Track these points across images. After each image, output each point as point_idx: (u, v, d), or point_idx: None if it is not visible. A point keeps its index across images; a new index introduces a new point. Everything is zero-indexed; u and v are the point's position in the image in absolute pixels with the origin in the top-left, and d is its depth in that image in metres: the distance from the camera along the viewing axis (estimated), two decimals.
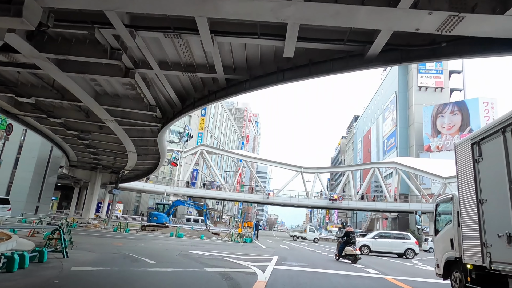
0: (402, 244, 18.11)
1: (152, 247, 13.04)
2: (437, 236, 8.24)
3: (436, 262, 8.01)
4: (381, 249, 18.29)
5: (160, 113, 13.78)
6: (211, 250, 13.09)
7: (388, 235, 19.39)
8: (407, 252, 17.79)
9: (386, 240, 18.61)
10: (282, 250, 16.66)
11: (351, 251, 11.93)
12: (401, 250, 17.85)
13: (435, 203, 8.99)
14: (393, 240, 18.57)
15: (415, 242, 18.39)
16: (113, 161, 27.34)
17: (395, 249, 18.06)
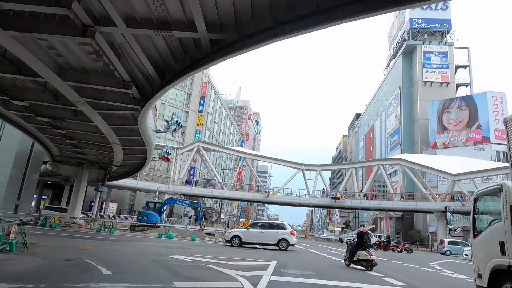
0: (275, 234, 16.64)
1: (127, 250, 10.96)
2: (477, 238, 6.30)
3: (476, 271, 6.07)
4: (254, 240, 16.89)
5: (138, 93, 11.69)
6: (196, 254, 11.01)
7: (263, 225, 17.89)
8: (280, 243, 16.40)
9: (259, 230, 17.11)
10: (281, 253, 14.56)
11: (365, 256, 9.83)
12: (275, 241, 16.49)
13: (473, 196, 7.11)
14: (267, 230, 17.07)
15: (290, 232, 16.85)
16: (100, 156, 25.25)
17: (268, 240, 16.70)
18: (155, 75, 10.43)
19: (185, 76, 9.39)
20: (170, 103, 55.44)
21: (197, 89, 59.33)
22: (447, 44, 62.72)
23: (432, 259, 19.61)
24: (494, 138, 48.82)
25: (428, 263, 16.08)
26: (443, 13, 64.07)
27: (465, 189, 38.46)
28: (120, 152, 22.27)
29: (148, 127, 15.69)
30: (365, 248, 10.03)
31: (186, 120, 57.44)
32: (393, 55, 74.25)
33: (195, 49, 9.01)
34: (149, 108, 12.36)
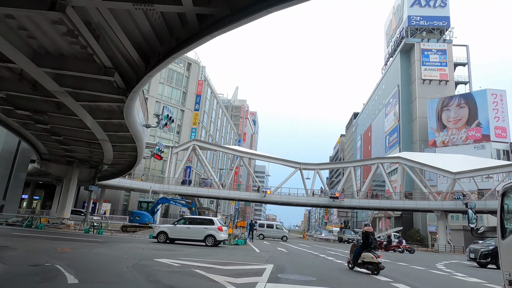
0: (202, 230, 16.03)
1: (109, 253, 9.96)
2: (507, 239, 5.41)
3: (506, 277, 5.15)
4: (181, 235, 16.27)
5: (122, 82, 10.70)
6: (186, 257, 10.03)
7: (191, 220, 17.25)
8: (207, 239, 15.79)
9: (186, 226, 16.45)
10: (279, 255, 13.62)
11: (371, 258, 8.90)
12: (201, 237, 15.90)
13: (501, 190, 6.19)
14: (194, 225, 16.42)
15: (218, 227, 16.11)
16: (89, 154, 24.16)
17: (195, 236, 16.08)
18: (139, 60, 9.45)
19: (170, 58, 8.42)
20: (166, 101, 54.35)
21: (193, 87, 58.31)
22: (446, 41, 62.12)
23: (437, 260, 18.76)
24: (494, 136, 48.17)
25: (434, 264, 15.20)
26: (442, 10, 63.47)
27: (466, 187, 37.69)
28: (110, 149, 21.24)
29: (137, 122, 14.69)
30: (371, 249, 9.11)
31: (182, 118, 56.45)
32: (391, 53, 73.57)
33: (181, 28, 8.05)
34: (135, 98, 11.36)
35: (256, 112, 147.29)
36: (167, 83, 55.15)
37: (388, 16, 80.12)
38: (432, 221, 48.53)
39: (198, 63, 59.90)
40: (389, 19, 78.93)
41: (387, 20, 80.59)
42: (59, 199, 39.47)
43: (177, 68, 57.08)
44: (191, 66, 58.67)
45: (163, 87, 54.53)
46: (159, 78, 53.91)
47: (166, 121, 16.13)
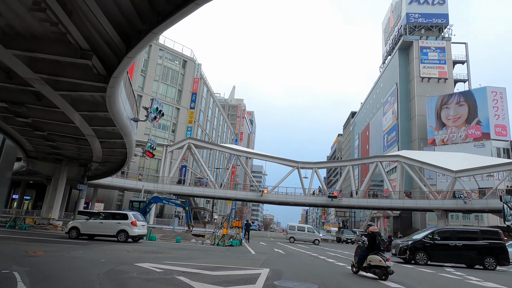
0: (115, 225, 15.31)
1: (85, 257, 8.94)
2: None
3: None
4: (93, 231, 15.58)
5: (103, 67, 9.69)
6: (172, 261, 9.04)
7: (105, 215, 16.53)
8: (119, 235, 15.06)
9: (99, 221, 15.79)
10: (276, 258, 12.65)
11: (378, 262, 7.95)
12: (114, 232, 15.18)
13: None
14: (107, 220, 15.72)
15: (132, 222, 15.33)
16: (78, 151, 23.10)
17: (107, 231, 15.40)
18: (119, 42, 8.45)
19: (151, 34, 7.42)
20: (160, 99, 53.19)
21: (188, 85, 57.25)
22: (445, 39, 61.48)
23: None
24: (494, 134, 47.50)
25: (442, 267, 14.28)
26: (440, 7, 62.84)
27: (466, 186, 36.88)
28: (98, 146, 20.21)
29: (122, 114, 13.65)
30: (378, 252, 8.15)
31: (177, 117, 55.37)
32: (389, 51, 72.87)
33: (164, 1, 7.08)
34: (116, 85, 10.32)
35: (253, 112, 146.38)
36: (162, 81, 54.06)
37: (386, 14, 79.45)
38: (432, 221, 47.75)
39: (194, 60, 58.84)
40: (387, 17, 78.25)
41: (385, 18, 79.92)
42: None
43: (172, 66, 56.03)
44: (187, 63, 57.61)
45: (158, 84, 53.43)
46: (154, 75, 52.86)
47: (155, 115, 15.08)
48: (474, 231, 14.85)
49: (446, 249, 13.92)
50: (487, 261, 13.58)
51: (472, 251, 13.81)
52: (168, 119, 54.29)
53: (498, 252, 13.70)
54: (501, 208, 34.03)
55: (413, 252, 13.97)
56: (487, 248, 13.78)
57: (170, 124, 54.45)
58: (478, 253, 13.75)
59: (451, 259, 14.12)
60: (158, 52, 54.16)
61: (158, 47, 54.23)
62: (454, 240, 14.07)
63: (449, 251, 13.86)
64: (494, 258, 13.59)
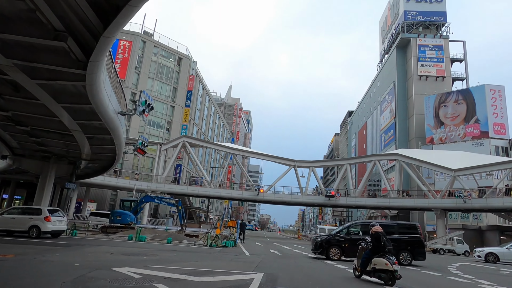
0: (27, 220, 14.85)
1: (58, 261, 8.07)
2: None
3: None
4: (5, 227, 15.01)
5: (81, 51, 8.82)
6: (157, 264, 8.20)
7: (20, 210, 16.17)
8: (31, 231, 14.58)
9: (12, 216, 15.25)
10: (271, 260, 11.84)
11: (384, 265, 7.16)
12: (25, 228, 14.71)
13: None
14: (19, 216, 15.31)
15: (46, 218, 14.87)
16: (65, 148, 22.07)
17: (19, 227, 14.94)
18: (95, 20, 7.58)
19: (128, 7, 6.59)
20: (155, 97, 52.22)
21: (183, 82, 56.30)
22: (443, 37, 60.99)
23: (445, 262, 17.16)
24: (493, 132, 47.02)
25: (446, 267, 13.58)
26: (438, 5, 62.36)
27: (465, 185, 36.27)
28: (86, 142, 19.26)
29: (107, 106, 12.76)
30: (384, 254, 7.36)
31: (172, 115, 54.41)
32: (387, 49, 72.32)
33: None
34: (96, 71, 9.44)
35: (250, 111, 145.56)
36: (157, 78, 53.07)
37: (383, 12, 78.94)
38: (430, 220, 47.23)
39: (189, 57, 57.90)
40: (384, 15, 77.74)
41: (383, 16, 79.40)
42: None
43: (167, 63, 55.06)
44: (182, 60, 56.65)
45: (152, 82, 52.44)
46: (148, 73, 51.88)
47: (143, 108, 14.19)
48: (391, 225, 14.47)
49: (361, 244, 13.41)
50: (402, 256, 13.12)
51: None
52: (163, 117, 53.34)
53: (415, 246, 13.31)
54: (500, 207, 33.53)
55: (326, 247, 13.48)
56: (403, 243, 13.36)
57: (165, 122, 53.48)
58: (394, 247, 13.19)
59: None
60: (153, 49, 53.18)
61: (153, 44, 53.27)
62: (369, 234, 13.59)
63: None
64: (410, 253, 13.19)
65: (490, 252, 19.26)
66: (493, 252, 19.16)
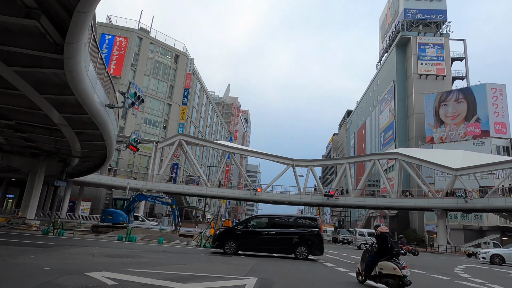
0: None
1: (30, 263, 7.26)
2: None
3: None
4: None
5: (57, 32, 8.02)
6: (138, 268, 7.40)
7: None
8: None
9: None
10: (266, 262, 11.06)
11: (392, 270, 6.38)
12: None
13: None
14: None
15: None
16: (55, 144, 21.31)
17: None
18: None
19: None
20: (151, 94, 51.48)
21: (180, 80, 55.47)
22: (443, 35, 60.38)
23: (448, 264, 16.42)
24: (494, 132, 46.39)
25: (452, 270, 12.82)
26: (438, 3, 61.76)
27: (466, 185, 35.60)
28: (75, 138, 18.48)
29: (92, 98, 11.94)
30: (392, 257, 6.58)
31: (169, 113, 53.59)
32: (386, 48, 71.69)
33: None
34: (75, 54, 8.63)
35: (248, 111, 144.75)
36: (153, 76, 52.22)
37: (383, 11, 78.30)
38: (430, 220, 46.57)
39: (186, 55, 57.06)
40: (384, 14, 77.10)
41: (382, 14, 78.77)
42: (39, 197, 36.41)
43: (164, 60, 54.21)
44: (179, 58, 55.81)
45: (148, 79, 51.59)
46: (145, 70, 51.05)
47: (133, 100, 13.37)
48: (289, 218, 13.99)
49: (258, 238, 13.00)
50: (298, 250, 12.67)
51: (284, 240, 12.90)
52: (159, 115, 52.50)
53: (312, 241, 12.80)
54: (503, 207, 32.85)
55: (222, 240, 12.96)
56: (300, 237, 12.89)
57: (161, 120, 52.66)
58: (291, 241, 12.84)
59: (262, 248, 13.18)
60: (149, 46, 52.32)
61: (149, 40, 52.42)
62: (269, 228, 13.18)
63: (261, 239, 12.94)
64: (307, 247, 12.69)
65: (495, 254, 18.54)
66: (499, 254, 18.45)
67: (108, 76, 14.39)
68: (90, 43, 10.71)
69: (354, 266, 11.20)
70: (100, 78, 12.82)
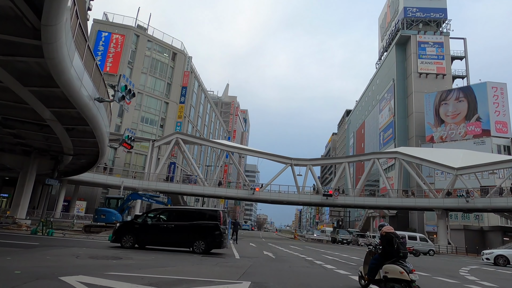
0: None
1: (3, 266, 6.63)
2: None
3: None
4: None
5: (33, 14, 7.40)
6: (122, 271, 6.78)
7: None
8: None
9: None
10: (262, 264, 10.45)
11: (399, 274, 5.78)
12: None
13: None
14: None
15: None
16: (45, 141, 20.60)
17: None
18: None
19: None
20: (148, 92, 50.84)
21: (178, 78, 54.81)
22: (443, 34, 59.87)
23: (452, 265, 15.84)
24: (495, 131, 45.88)
25: (457, 271, 12.24)
26: (438, 2, 61.27)
27: (468, 184, 35.05)
28: (65, 134, 17.82)
29: (79, 90, 11.29)
30: (398, 260, 5.98)
31: (166, 111, 52.93)
32: (386, 47, 71.15)
33: None
34: (54, 39, 7.97)
35: (247, 110, 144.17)
36: (150, 73, 51.56)
37: (382, 9, 77.80)
38: (430, 220, 46.08)
39: (184, 53, 56.40)
40: (383, 12, 76.59)
41: (382, 13, 78.28)
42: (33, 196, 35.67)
43: (161, 58, 53.55)
44: (177, 56, 55.16)
45: (146, 77, 50.93)
46: (142, 68, 50.38)
47: (123, 94, 12.74)
48: (192, 211, 13.52)
49: (157, 231, 12.58)
50: (196, 244, 12.17)
51: (183, 233, 12.38)
52: (156, 114, 51.83)
53: (210, 234, 12.27)
54: (505, 207, 32.31)
55: (120, 234, 12.50)
56: (199, 230, 12.37)
57: (158, 118, 51.99)
58: (189, 235, 12.33)
59: (160, 242, 12.73)
60: (146, 43, 51.66)
61: (146, 38, 51.76)
62: (169, 221, 12.79)
63: (159, 233, 12.51)
64: (204, 241, 12.18)
65: (499, 255, 17.98)
66: (503, 255, 17.88)
67: (97, 69, 13.75)
68: (76, 31, 10.08)
69: (354, 268, 10.62)
70: (88, 71, 12.18)
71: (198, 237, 12.22)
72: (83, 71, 11.39)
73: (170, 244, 12.69)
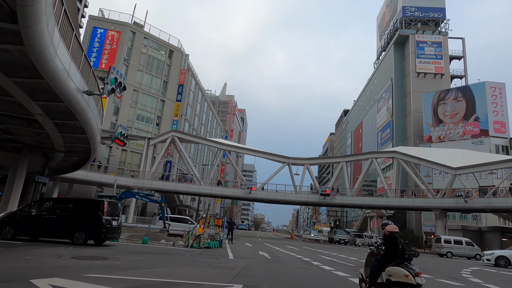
0: None
1: None
2: None
3: None
4: None
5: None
6: (103, 274, 6.27)
7: None
8: None
9: None
10: (257, 264, 9.94)
11: (404, 277, 5.30)
12: None
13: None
14: None
15: None
16: (35, 137, 19.92)
17: None
18: None
19: None
20: (144, 90, 50.20)
21: (175, 76, 54.18)
22: (441, 34, 59.58)
23: (452, 266, 15.41)
24: (493, 131, 45.60)
25: (459, 273, 11.80)
26: (437, 1, 61.01)
27: (466, 184, 34.72)
28: (55, 130, 17.18)
29: (65, 81, 10.73)
30: (403, 262, 5.50)
31: (162, 109, 52.29)
32: (384, 46, 70.84)
33: None
34: (33, 22, 7.39)
35: (244, 110, 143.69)
36: (146, 71, 50.88)
37: (381, 9, 77.52)
38: (428, 220, 45.71)
39: (181, 50, 55.77)
40: (382, 12, 76.30)
41: (380, 12, 77.99)
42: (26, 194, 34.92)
43: (158, 55, 52.89)
44: (173, 53, 54.51)
45: (142, 74, 50.27)
46: (138, 65, 49.70)
47: (113, 87, 12.21)
48: (76, 201, 13.61)
49: (38, 222, 12.42)
50: (76, 235, 12.04)
51: (63, 224, 12.31)
52: (153, 112, 51.19)
53: (91, 225, 12.22)
54: (503, 208, 32.00)
55: (0, 226, 12.25)
56: (79, 221, 12.33)
57: (155, 116, 51.33)
58: (70, 226, 12.25)
59: (42, 233, 12.55)
60: (143, 40, 50.98)
61: (143, 35, 51.10)
62: (52, 212, 12.71)
63: (41, 224, 12.36)
64: (84, 232, 12.09)
65: (500, 256, 17.59)
66: (504, 256, 17.49)
67: (87, 61, 13.19)
68: (61, 19, 9.55)
69: (353, 269, 10.15)
70: (76, 62, 11.64)
71: (78, 228, 12.10)
72: (70, 62, 10.85)
73: (52, 236, 12.56)
